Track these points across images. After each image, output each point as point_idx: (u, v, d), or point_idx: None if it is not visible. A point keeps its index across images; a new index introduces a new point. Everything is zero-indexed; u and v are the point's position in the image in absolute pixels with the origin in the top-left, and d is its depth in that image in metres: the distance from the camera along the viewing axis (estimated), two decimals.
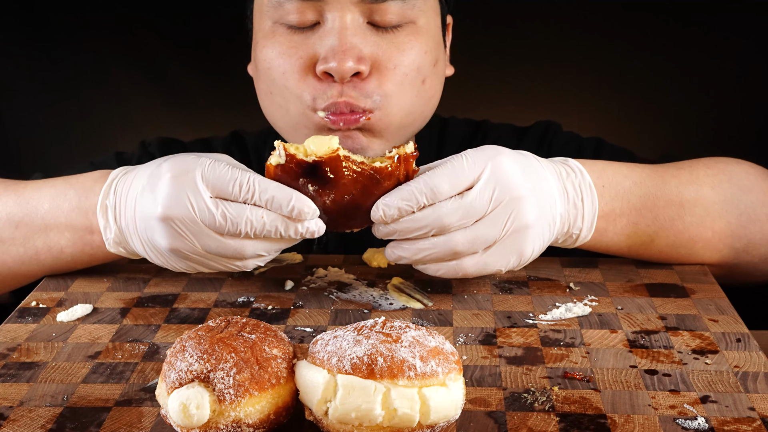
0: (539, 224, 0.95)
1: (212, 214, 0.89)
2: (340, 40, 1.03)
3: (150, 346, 0.89)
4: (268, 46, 1.08)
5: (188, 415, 0.70)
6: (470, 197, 0.91)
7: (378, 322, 0.74)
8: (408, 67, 1.07)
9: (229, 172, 0.90)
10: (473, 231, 0.92)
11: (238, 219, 0.89)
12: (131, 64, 1.93)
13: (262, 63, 1.09)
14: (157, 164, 0.94)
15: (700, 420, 0.75)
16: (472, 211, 0.91)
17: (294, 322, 0.94)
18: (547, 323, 0.94)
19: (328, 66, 1.03)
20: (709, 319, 0.94)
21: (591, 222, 1.02)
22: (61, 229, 1.01)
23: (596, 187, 1.02)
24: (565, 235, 1.02)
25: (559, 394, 0.80)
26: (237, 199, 0.90)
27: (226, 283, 1.04)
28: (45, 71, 1.92)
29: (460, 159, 0.92)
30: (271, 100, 1.10)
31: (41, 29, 1.89)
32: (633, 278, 1.05)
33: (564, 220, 1.00)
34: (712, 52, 1.83)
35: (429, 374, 0.70)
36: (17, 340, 0.90)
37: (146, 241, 0.95)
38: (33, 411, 0.78)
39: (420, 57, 1.08)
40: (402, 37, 1.07)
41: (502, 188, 0.91)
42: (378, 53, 1.05)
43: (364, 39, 1.05)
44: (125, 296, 1.01)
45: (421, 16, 1.08)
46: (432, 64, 1.10)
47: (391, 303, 0.98)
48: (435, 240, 0.92)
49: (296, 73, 1.06)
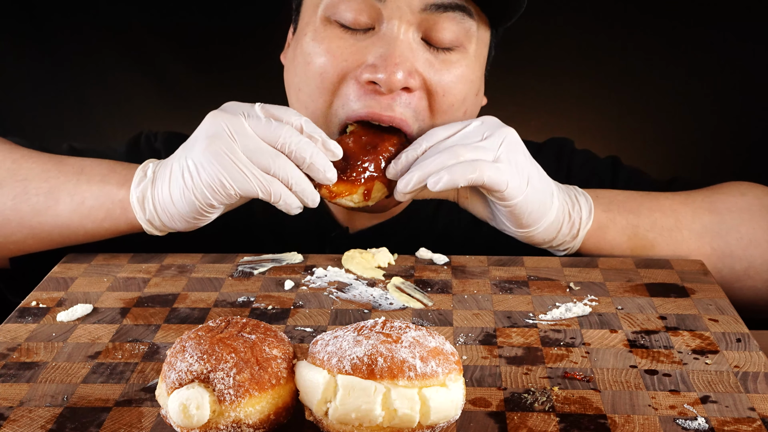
0: (530, 164, 1.02)
1: (259, 118, 0.95)
2: (393, 51, 1.02)
3: (150, 346, 0.89)
4: (316, 41, 1.06)
5: (188, 416, 0.70)
6: (465, 131, 1.00)
7: (378, 322, 0.74)
8: (455, 97, 1.07)
9: (278, 106, 0.97)
10: (472, 144, 0.99)
11: (280, 128, 0.94)
12: (131, 64, 1.93)
13: (304, 57, 1.07)
14: None
15: (700, 420, 0.75)
16: (466, 139, 0.99)
17: (294, 322, 0.94)
18: (547, 323, 0.94)
19: (376, 76, 1.02)
20: (709, 319, 0.94)
21: (589, 210, 1.06)
22: (93, 182, 1.04)
23: (590, 195, 1.10)
24: (568, 219, 1.05)
25: (559, 394, 0.79)
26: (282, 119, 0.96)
27: (226, 283, 1.04)
28: (45, 71, 1.92)
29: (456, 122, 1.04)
30: (297, 96, 1.09)
31: (41, 29, 1.89)
32: (633, 278, 1.05)
33: (561, 201, 1.05)
34: (718, 57, 1.83)
35: (429, 375, 0.70)
36: (17, 340, 0.90)
37: (181, 155, 0.97)
38: (33, 411, 0.78)
39: (467, 86, 1.08)
40: (453, 61, 1.07)
41: (493, 125, 1.01)
42: (429, 71, 1.05)
43: (416, 54, 1.04)
44: (125, 296, 1.01)
45: (473, 43, 1.08)
46: (474, 94, 1.11)
47: (391, 303, 0.98)
48: (440, 153, 0.98)
49: (337, 76, 1.05)
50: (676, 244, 1.10)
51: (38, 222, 1.05)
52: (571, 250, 1.10)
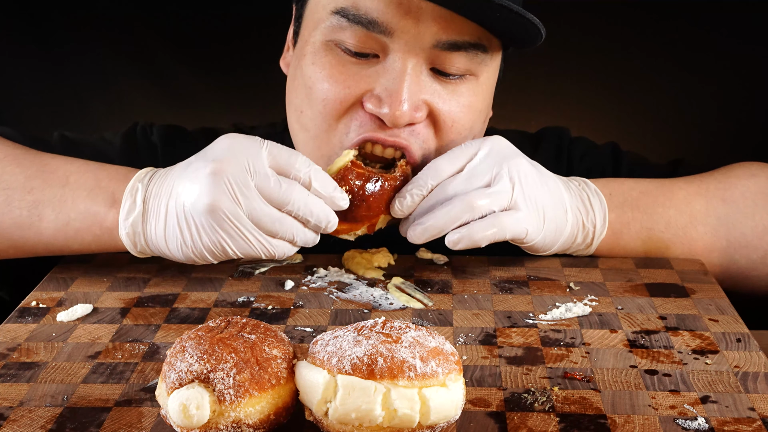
0: (544, 192, 0.98)
1: (267, 177, 0.90)
2: (399, 86, 0.97)
3: (150, 346, 0.89)
4: (316, 65, 1.01)
5: (188, 416, 0.70)
6: (471, 165, 0.97)
7: (378, 323, 0.74)
8: (463, 127, 1.02)
9: (287, 151, 0.92)
10: (485, 189, 0.96)
11: (290, 190, 0.90)
12: (130, 62, 1.93)
13: (305, 80, 1.02)
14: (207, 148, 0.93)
15: (700, 420, 0.75)
16: (474, 178, 0.96)
17: (294, 322, 0.94)
18: (547, 323, 0.93)
19: (381, 111, 0.98)
20: (709, 319, 0.94)
21: (603, 216, 1.04)
22: (78, 199, 0.98)
23: (603, 194, 1.06)
24: (582, 230, 1.03)
25: (559, 394, 0.79)
26: (290, 175, 0.91)
27: (226, 283, 1.04)
28: (44, 70, 1.92)
29: (458, 147, 1.00)
30: (297, 117, 1.04)
31: (40, 26, 1.89)
32: (633, 278, 1.05)
33: (575, 211, 1.02)
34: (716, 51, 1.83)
35: (429, 375, 0.70)
36: (17, 340, 0.90)
37: (179, 204, 0.91)
38: (33, 411, 0.78)
39: (475, 115, 1.04)
40: (462, 90, 1.01)
41: (500, 155, 0.97)
42: (437, 102, 1.00)
43: (423, 87, 0.99)
44: (125, 296, 1.01)
45: (483, 72, 1.03)
46: (483, 121, 1.07)
47: (391, 303, 0.98)
48: (452, 203, 0.95)
49: (340, 103, 1.00)
50: (691, 243, 1.09)
51: (20, 236, 1.00)
52: (585, 255, 1.09)
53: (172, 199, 0.92)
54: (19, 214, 0.99)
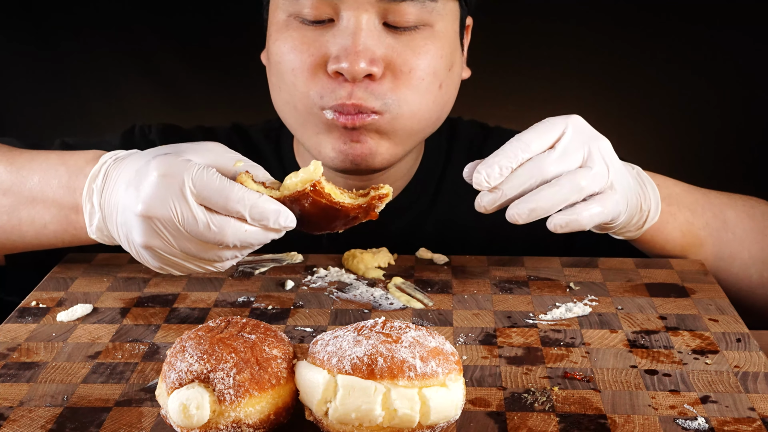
0: (625, 174, 0.98)
1: (195, 222, 0.84)
2: (354, 41, 1.02)
3: (150, 346, 0.89)
4: (281, 40, 1.07)
5: (188, 416, 0.70)
6: (563, 143, 0.93)
7: (378, 322, 0.74)
8: (424, 72, 1.05)
9: (218, 181, 0.84)
10: (586, 171, 0.93)
11: (222, 231, 0.85)
12: (129, 62, 1.93)
13: (274, 56, 1.09)
14: (146, 161, 0.88)
15: (700, 420, 0.75)
16: (567, 157, 0.92)
17: (294, 322, 0.94)
18: (547, 323, 0.94)
19: (339, 66, 1.02)
20: (709, 319, 0.94)
21: (657, 202, 1.06)
22: (48, 204, 1.00)
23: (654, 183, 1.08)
24: (639, 211, 1.04)
25: (559, 394, 0.79)
26: (222, 212, 0.85)
27: (226, 283, 1.04)
28: (44, 69, 1.92)
29: (540, 122, 0.95)
30: (279, 95, 1.10)
31: (40, 26, 1.89)
32: (633, 278, 1.05)
33: (638, 194, 1.03)
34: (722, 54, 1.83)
35: (429, 375, 0.70)
36: (17, 340, 0.90)
37: (124, 235, 0.90)
38: (33, 411, 0.78)
39: (436, 61, 1.06)
40: (418, 40, 1.05)
41: (585, 133, 0.94)
42: (392, 55, 1.04)
43: (378, 40, 1.03)
44: (125, 296, 1.01)
45: (438, 21, 1.06)
46: (447, 68, 1.09)
47: (391, 303, 0.98)
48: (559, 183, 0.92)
49: (306, 70, 1.05)
50: (722, 246, 1.11)
51: (6, 239, 1.03)
52: (631, 237, 1.09)
53: (119, 225, 0.91)
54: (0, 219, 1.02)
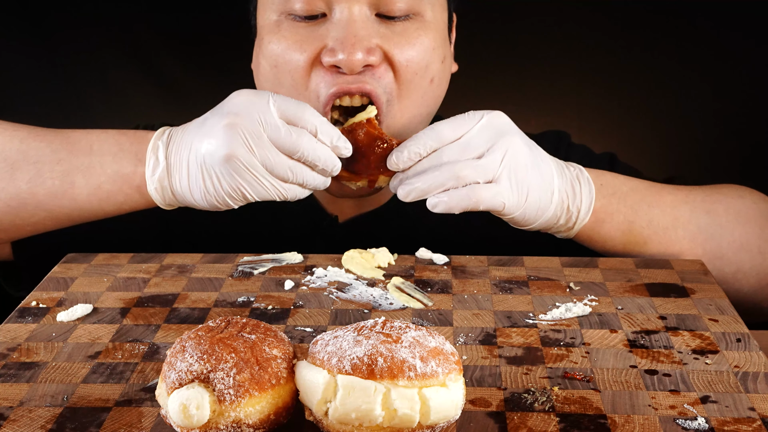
0: (532, 171, 1.00)
1: (278, 128, 0.94)
2: (348, 32, 1.03)
3: (150, 346, 0.89)
4: (274, 41, 1.08)
5: (188, 416, 0.70)
6: (468, 136, 0.98)
7: (378, 322, 0.74)
8: (418, 65, 1.08)
9: (295, 103, 0.96)
10: (474, 161, 0.97)
11: (300, 138, 0.94)
12: (129, 62, 1.93)
13: (269, 59, 1.09)
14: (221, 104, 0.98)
15: (700, 420, 0.75)
16: (468, 148, 0.97)
17: (294, 322, 0.94)
18: (547, 323, 0.94)
19: (336, 59, 1.04)
20: (709, 319, 0.94)
21: (589, 204, 1.07)
22: (106, 163, 1.03)
23: (594, 183, 1.08)
24: (566, 213, 1.05)
25: (559, 394, 0.80)
26: (299, 124, 0.95)
27: (226, 283, 1.04)
28: (43, 69, 1.92)
29: (461, 114, 1.00)
30: None
31: (39, 26, 1.89)
32: (633, 278, 1.05)
33: (562, 194, 1.04)
34: (722, 57, 1.83)
35: (429, 375, 0.70)
36: (17, 340, 0.90)
37: (200, 157, 0.96)
38: (33, 411, 0.78)
39: (429, 53, 1.08)
40: (411, 30, 1.08)
41: (498, 131, 0.98)
42: (387, 45, 1.06)
43: (372, 31, 1.05)
44: (125, 296, 1.01)
45: (428, 9, 1.09)
46: (440, 60, 1.11)
47: (391, 303, 0.98)
48: (440, 169, 0.97)
49: (303, 68, 1.07)
50: (669, 243, 1.11)
51: (56, 205, 1.05)
52: (565, 236, 1.11)
53: (192, 153, 0.98)
54: (51, 184, 1.04)
